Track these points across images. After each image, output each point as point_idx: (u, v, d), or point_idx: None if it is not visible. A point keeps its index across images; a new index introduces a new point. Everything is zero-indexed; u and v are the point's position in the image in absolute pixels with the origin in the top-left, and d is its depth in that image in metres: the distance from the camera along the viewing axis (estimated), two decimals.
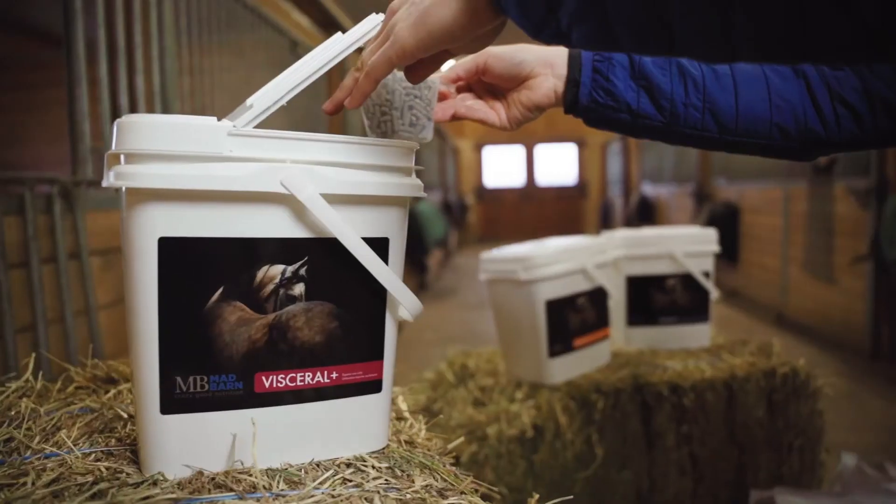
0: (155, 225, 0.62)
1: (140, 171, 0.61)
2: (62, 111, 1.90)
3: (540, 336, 1.59)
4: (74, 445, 0.73)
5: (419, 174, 0.76)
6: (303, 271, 0.68)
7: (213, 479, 0.65)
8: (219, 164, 0.63)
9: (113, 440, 0.75)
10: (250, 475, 0.66)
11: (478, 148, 13.67)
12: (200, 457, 0.66)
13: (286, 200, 0.66)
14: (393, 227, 0.72)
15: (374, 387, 0.73)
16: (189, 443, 0.66)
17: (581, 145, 13.67)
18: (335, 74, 4.42)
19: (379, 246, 0.71)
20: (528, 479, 1.55)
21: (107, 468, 0.67)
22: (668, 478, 1.67)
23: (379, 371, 0.73)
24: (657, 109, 0.81)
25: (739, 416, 1.69)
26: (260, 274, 0.66)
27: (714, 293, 1.86)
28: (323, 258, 0.68)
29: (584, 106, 0.84)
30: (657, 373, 1.66)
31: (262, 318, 0.67)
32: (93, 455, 0.71)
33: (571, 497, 0.61)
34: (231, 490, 0.63)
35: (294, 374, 0.69)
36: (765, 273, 6.50)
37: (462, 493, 0.65)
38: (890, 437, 3.33)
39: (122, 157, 0.62)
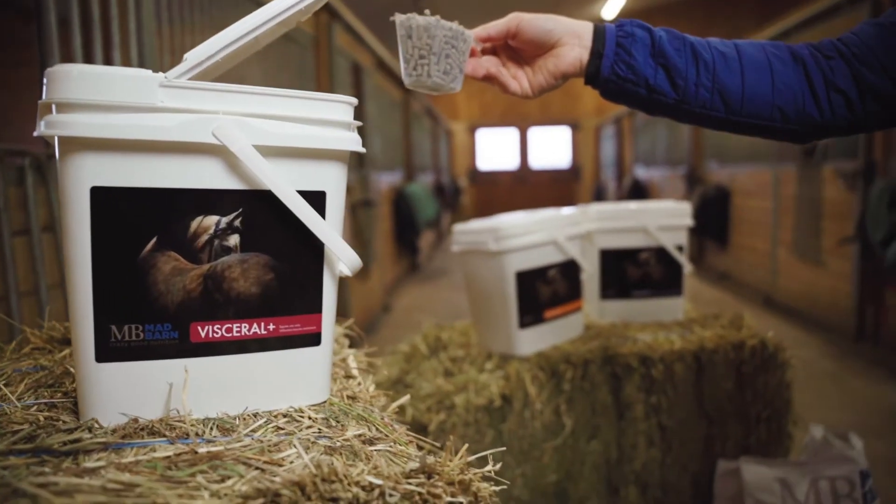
0: (86, 174, 0.63)
1: (70, 121, 0.61)
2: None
3: (510, 307, 1.60)
4: (19, 400, 0.73)
5: (361, 133, 0.77)
6: (237, 223, 0.68)
7: (147, 426, 0.66)
8: (150, 115, 0.63)
9: (59, 394, 0.76)
10: (186, 423, 0.67)
11: (471, 130, 13.64)
12: (136, 405, 0.67)
13: (219, 152, 0.66)
14: (330, 181, 0.73)
15: (313, 340, 0.74)
16: (125, 391, 0.67)
17: (575, 128, 13.64)
18: (323, 74, 4.41)
19: (315, 200, 0.71)
20: (497, 447, 1.56)
21: (45, 417, 0.68)
22: (637, 448, 1.69)
23: (318, 324, 0.74)
24: (672, 87, 0.87)
25: (708, 388, 1.70)
26: (194, 224, 0.67)
27: (687, 267, 1.87)
28: (258, 210, 0.69)
29: (605, 77, 0.89)
30: (627, 344, 1.67)
31: (197, 268, 0.68)
32: (35, 407, 0.72)
33: (504, 448, 0.62)
34: (163, 436, 0.64)
35: (230, 325, 0.70)
36: (754, 255, 6.52)
37: (393, 441, 0.66)
38: (870, 416, 3.36)
39: (53, 107, 0.63)
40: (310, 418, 0.70)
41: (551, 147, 13.81)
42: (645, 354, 1.65)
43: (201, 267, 0.68)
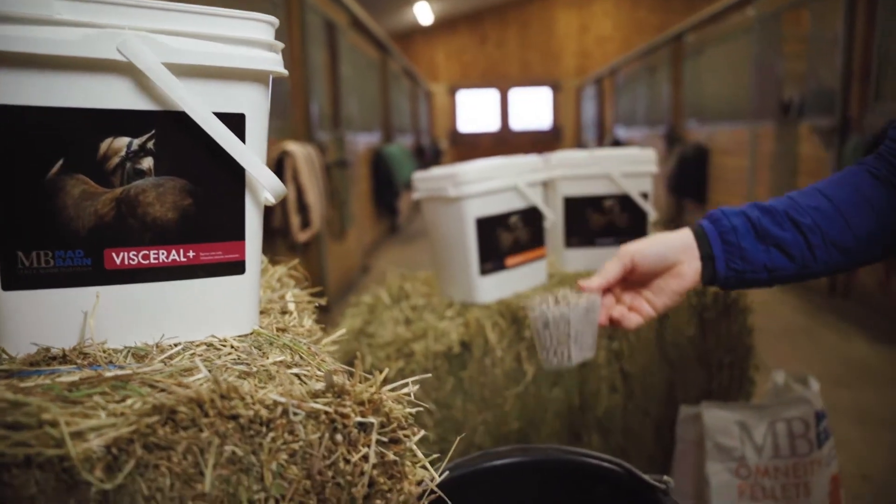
0: None
1: None
2: None
3: (470, 254, 1.58)
4: None
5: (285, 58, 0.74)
6: (150, 145, 0.66)
7: (59, 355, 0.63)
8: (47, 28, 0.60)
9: None
10: (102, 351, 0.65)
11: (451, 92, 13.51)
12: (49, 334, 0.65)
13: (126, 70, 0.63)
14: (250, 103, 0.70)
15: (236, 268, 0.72)
16: (36, 320, 0.65)
17: (556, 89, 13.55)
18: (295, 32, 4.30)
19: (234, 122, 0.68)
20: (457, 396, 1.56)
21: None
22: (600, 394, 1.69)
23: (241, 252, 0.72)
24: (789, 260, 0.88)
25: (670, 334, 1.71)
26: (103, 146, 0.64)
27: (652, 214, 1.85)
28: (172, 132, 0.66)
29: (724, 276, 0.90)
30: None
31: (109, 192, 0.65)
32: None
33: (429, 374, 0.61)
34: (74, 364, 0.62)
35: (147, 252, 0.67)
36: None
37: (316, 368, 0.65)
38: (839, 368, 3.41)
39: None
40: (232, 347, 0.68)
41: (532, 108, 13.73)
42: None
43: (113, 191, 0.65)
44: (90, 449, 0.48)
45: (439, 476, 0.63)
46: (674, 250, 0.90)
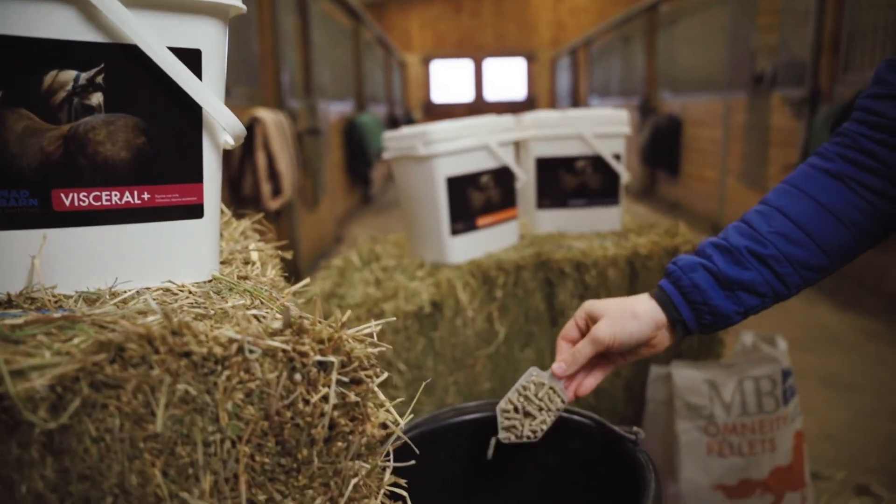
0: None
1: None
2: None
3: (441, 214, 1.56)
4: None
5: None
6: (100, 80, 0.62)
7: (4, 299, 0.61)
8: None
9: None
10: (51, 297, 0.62)
11: (425, 62, 13.37)
12: None
13: None
14: (207, 39, 0.66)
15: (193, 211, 0.69)
16: None
17: (530, 60, 13.47)
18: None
19: (189, 58, 0.65)
20: (428, 356, 1.55)
21: None
22: None
23: (198, 195, 0.69)
24: (760, 297, 0.86)
25: (642, 293, 1.70)
26: (48, 79, 0.61)
27: (624, 176, 1.84)
28: (123, 66, 0.63)
29: (697, 331, 0.88)
30: (561, 251, 1.66)
31: (56, 128, 0.62)
32: None
33: (394, 319, 0.60)
34: (20, 308, 0.59)
35: (98, 193, 0.64)
36: (704, 184, 6.59)
37: (273, 310, 0.63)
38: (804, 332, 3.48)
39: None
40: (190, 292, 0.66)
41: (506, 79, 13.64)
42: (579, 260, 1.64)
43: (60, 128, 0.62)
44: (32, 388, 0.45)
45: (403, 421, 0.61)
46: (647, 328, 0.87)
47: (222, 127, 0.68)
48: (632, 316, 0.87)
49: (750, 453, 1.58)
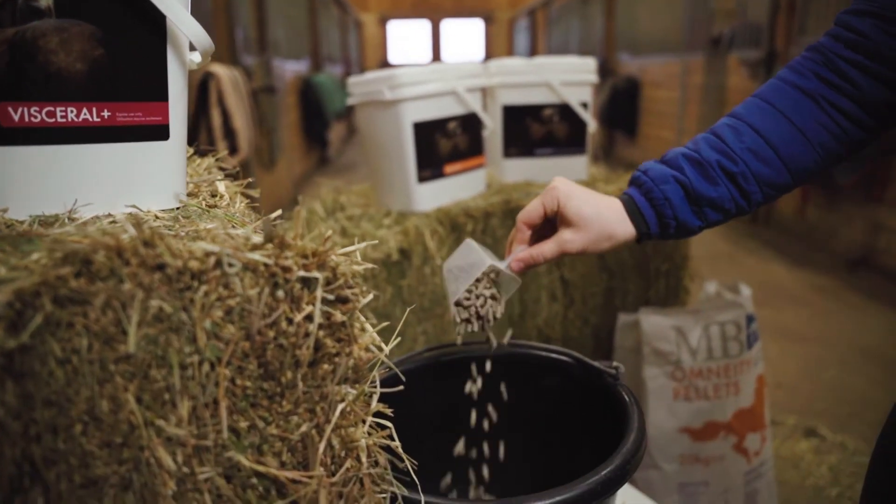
0: None
1: None
2: None
3: (408, 160, 1.52)
4: None
5: None
6: None
7: None
8: None
9: None
10: (3, 220, 0.57)
11: (382, 22, 13.12)
12: None
13: None
14: None
15: (158, 132, 0.64)
16: None
17: (488, 21, 13.32)
18: None
19: None
20: (396, 306, 1.52)
21: None
22: (540, 303, 1.69)
23: (164, 114, 0.64)
24: (723, 214, 0.85)
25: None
26: None
27: (591, 124, 1.83)
28: None
29: (656, 237, 0.88)
30: (529, 199, 1.63)
31: None
32: None
33: (376, 242, 0.57)
34: None
35: (52, 108, 0.59)
36: (662, 146, 6.65)
37: (250, 230, 0.59)
38: (759, 289, 3.55)
39: None
40: (157, 217, 0.62)
41: (464, 40, 13.49)
42: None
43: (4, 31, 0.56)
44: None
45: (388, 347, 0.59)
46: (617, 246, 0.86)
47: (189, 39, 0.63)
48: (608, 238, 0.85)
49: (715, 397, 1.60)
